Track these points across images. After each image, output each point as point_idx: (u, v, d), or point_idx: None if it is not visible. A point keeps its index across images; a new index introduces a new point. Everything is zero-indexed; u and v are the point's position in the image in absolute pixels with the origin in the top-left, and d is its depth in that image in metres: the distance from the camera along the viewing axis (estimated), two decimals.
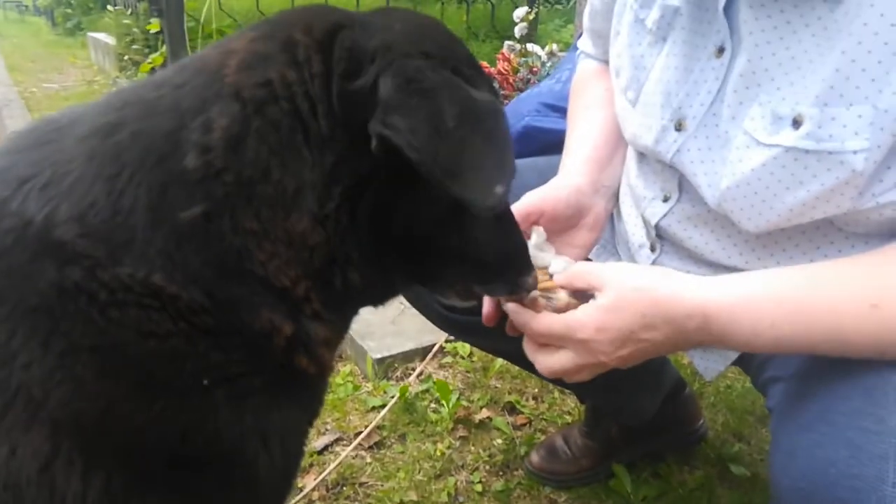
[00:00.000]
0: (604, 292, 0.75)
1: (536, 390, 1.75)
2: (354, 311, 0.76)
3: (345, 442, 1.60)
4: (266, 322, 0.63)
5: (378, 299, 0.76)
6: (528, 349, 0.81)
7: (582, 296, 0.79)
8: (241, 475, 0.64)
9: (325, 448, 1.58)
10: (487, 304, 0.86)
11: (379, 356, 1.81)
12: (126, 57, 5.25)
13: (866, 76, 0.68)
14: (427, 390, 1.74)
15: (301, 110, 0.61)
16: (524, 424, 1.64)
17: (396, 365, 1.83)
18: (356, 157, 0.62)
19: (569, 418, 1.65)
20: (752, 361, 0.95)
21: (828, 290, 0.70)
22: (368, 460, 1.53)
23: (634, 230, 1.01)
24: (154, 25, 4.44)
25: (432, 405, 1.69)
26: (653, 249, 0.97)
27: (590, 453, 1.45)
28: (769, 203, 0.77)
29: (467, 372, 1.82)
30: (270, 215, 0.61)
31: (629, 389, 1.33)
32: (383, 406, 1.67)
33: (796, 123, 0.72)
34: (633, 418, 1.42)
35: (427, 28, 0.71)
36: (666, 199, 0.94)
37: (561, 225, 0.97)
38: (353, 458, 1.53)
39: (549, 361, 0.79)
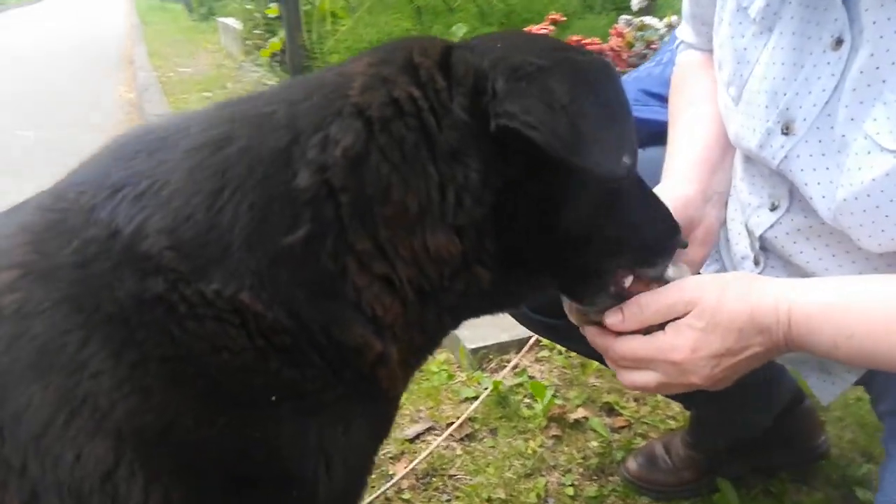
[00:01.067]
0: (695, 311, 0.70)
1: (638, 391, 1.66)
2: (456, 323, 0.73)
3: (436, 431, 1.59)
4: (359, 338, 0.62)
5: (501, 305, 0.75)
6: (610, 364, 0.77)
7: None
8: (299, 495, 0.63)
9: (417, 436, 1.57)
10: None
11: (473, 346, 1.78)
12: (249, 41, 5.48)
13: None
14: (521, 384, 1.69)
15: (428, 125, 0.61)
16: (623, 427, 1.56)
17: (491, 356, 1.80)
18: (492, 166, 0.61)
19: (672, 424, 1.55)
20: (871, 386, 0.83)
21: None
22: (459, 452, 1.52)
23: (738, 239, 0.91)
24: (273, 10, 4.60)
25: (526, 400, 1.65)
26: (756, 263, 0.87)
27: (692, 465, 1.35)
28: (893, 218, 0.66)
29: (564, 368, 1.75)
30: (391, 236, 0.61)
31: (737, 402, 1.21)
32: (476, 398, 1.65)
33: None
34: (742, 432, 1.30)
35: (530, 39, 0.71)
36: (774, 208, 0.83)
37: None
38: (444, 449, 1.52)
39: (633, 378, 0.75)
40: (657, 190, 0.91)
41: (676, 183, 0.92)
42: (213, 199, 0.59)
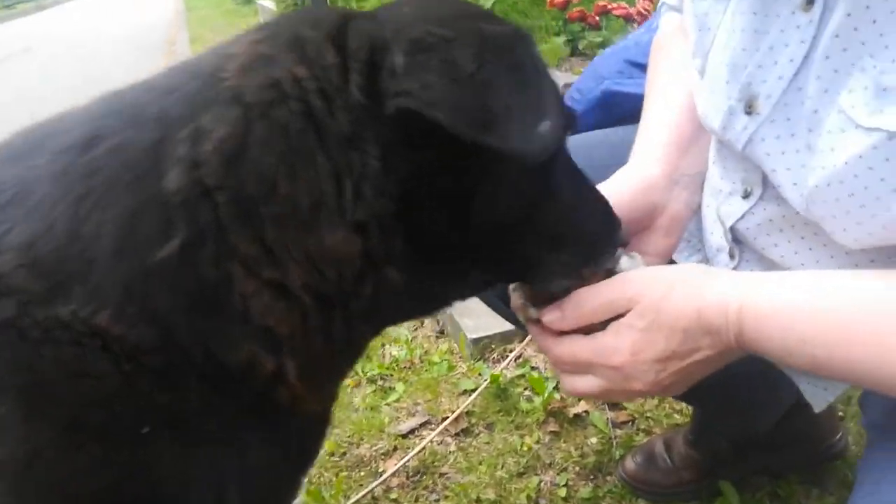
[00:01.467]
0: (636, 309, 0.63)
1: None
2: (374, 331, 0.68)
3: (432, 426, 1.55)
4: (245, 356, 0.57)
5: (427, 307, 0.69)
6: (553, 368, 0.70)
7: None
8: None
9: (412, 431, 1.54)
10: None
11: (475, 336, 1.72)
12: None
13: None
14: (522, 376, 1.63)
15: (315, 109, 0.52)
16: (625, 422, 1.48)
17: (493, 346, 1.73)
18: (395, 152, 0.54)
19: (678, 419, 1.46)
20: (861, 396, 0.74)
21: (878, 309, 0.53)
22: (452, 448, 1.47)
23: (713, 228, 0.81)
24: None
25: (526, 393, 1.58)
26: (731, 256, 0.78)
27: (692, 465, 1.27)
28: (869, 209, 0.56)
29: None
30: (281, 236, 0.54)
31: (741, 396, 1.13)
32: (475, 390, 1.59)
33: None
34: (747, 429, 1.21)
35: (442, 5, 0.61)
36: (746, 196, 0.73)
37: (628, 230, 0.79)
38: (438, 445, 1.48)
39: (575, 384, 0.68)
40: (621, 172, 0.84)
41: (640, 165, 0.83)
42: (76, 207, 0.53)
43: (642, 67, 1.32)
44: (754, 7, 0.64)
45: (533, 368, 1.64)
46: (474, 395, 1.56)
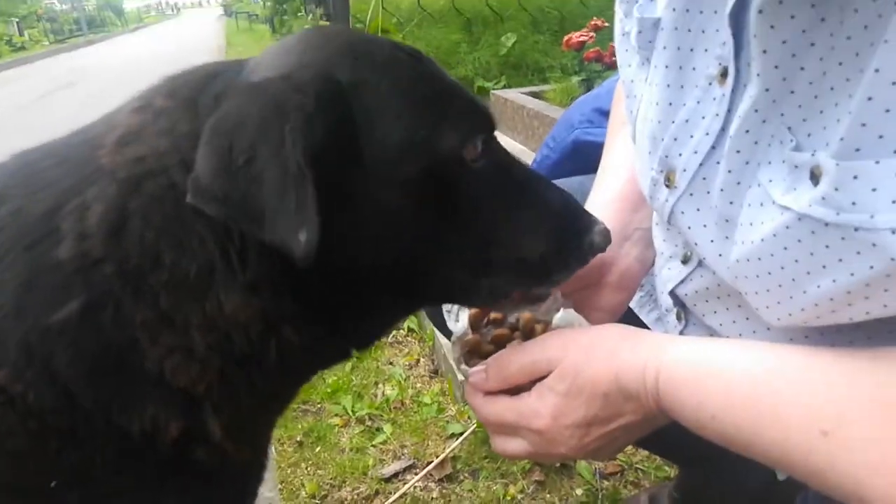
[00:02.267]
0: (556, 372, 0.61)
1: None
2: (300, 378, 0.67)
3: (417, 470, 1.51)
4: (148, 421, 0.56)
5: (348, 348, 0.66)
6: (485, 427, 0.69)
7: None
8: None
9: (395, 475, 1.50)
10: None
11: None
12: None
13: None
14: None
15: (177, 183, 0.53)
16: (613, 473, 1.43)
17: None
18: None
19: (668, 471, 1.41)
20: None
21: (783, 394, 0.51)
22: (435, 495, 1.43)
23: (663, 288, 0.78)
24: None
25: None
26: (679, 318, 0.75)
27: None
28: (787, 290, 0.53)
29: None
30: (175, 303, 0.54)
31: (721, 460, 1.08)
32: (462, 434, 1.56)
33: (814, 178, 0.48)
34: (730, 494, 1.15)
35: (298, 43, 0.59)
36: (685, 261, 0.70)
37: (574, 284, 0.73)
38: (421, 491, 1.45)
39: (504, 445, 0.67)
40: None
41: None
42: None
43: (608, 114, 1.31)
44: (668, 79, 0.62)
45: None
46: (459, 440, 1.52)
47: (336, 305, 0.58)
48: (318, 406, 1.77)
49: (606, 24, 3.23)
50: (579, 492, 1.39)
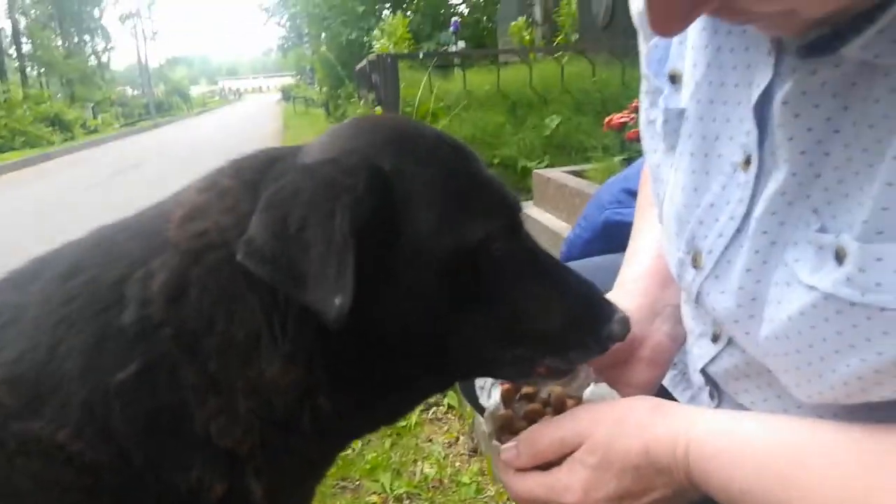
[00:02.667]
0: (586, 446, 0.62)
1: None
2: (330, 446, 0.70)
3: None
4: (195, 481, 0.60)
5: (381, 419, 0.69)
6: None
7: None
8: None
9: None
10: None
11: None
12: None
13: None
14: None
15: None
16: None
17: None
18: None
19: None
20: None
21: (812, 472, 0.52)
22: None
23: (694, 366, 0.79)
24: (378, 111, 4.91)
25: None
26: (711, 396, 0.75)
27: None
28: (816, 368, 0.54)
29: None
30: (223, 367, 0.59)
31: None
32: None
33: (839, 258, 0.50)
34: None
35: (349, 130, 0.66)
36: (715, 339, 0.71)
37: (607, 360, 0.73)
38: None
39: None
40: None
41: (619, 296, 0.82)
42: (53, 332, 0.59)
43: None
44: (693, 166, 0.65)
45: None
46: None
47: (365, 377, 0.62)
48: (357, 483, 1.77)
49: None
50: None
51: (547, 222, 3.14)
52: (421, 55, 5.24)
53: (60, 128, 17.75)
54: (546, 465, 0.65)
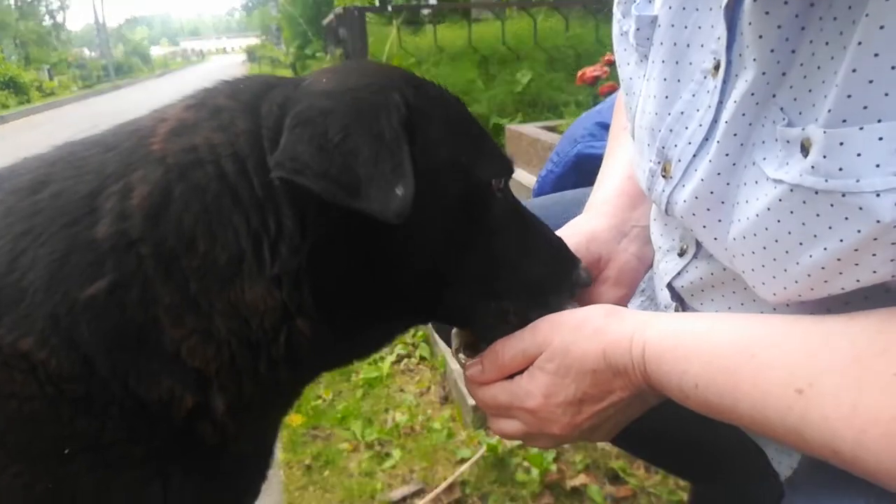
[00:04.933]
0: (546, 353, 0.63)
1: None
2: (300, 375, 0.68)
3: (425, 494, 1.49)
4: (165, 393, 0.59)
5: (351, 353, 0.69)
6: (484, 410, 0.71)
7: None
8: None
9: (403, 499, 1.48)
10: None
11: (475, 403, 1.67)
12: None
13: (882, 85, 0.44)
14: (522, 446, 1.56)
15: (228, 172, 0.57)
16: (625, 498, 1.40)
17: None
18: (308, 213, 0.57)
19: (682, 495, 1.38)
20: None
21: (760, 359, 0.52)
22: None
23: (661, 285, 0.79)
24: None
25: (524, 464, 1.52)
26: (677, 312, 0.75)
27: None
28: (781, 263, 0.54)
29: None
30: (202, 288, 0.57)
31: (728, 474, 1.06)
32: (471, 458, 1.53)
33: (804, 150, 0.49)
34: None
35: (357, 69, 0.66)
36: (682, 253, 0.71)
37: None
38: None
39: (501, 426, 0.69)
40: (569, 224, 0.84)
41: (587, 217, 0.84)
42: (16, 243, 0.57)
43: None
44: (665, 73, 0.64)
45: None
46: (468, 464, 1.50)
47: (352, 308, 0.61)
48: (328, 432, 1.76)
49: None
50: None
51: (520, 178, 3.13)
52: (390, 7, 5.09)
53: (15, 91, 17.12)
54: (510, 377, 0.66)
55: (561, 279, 0.69)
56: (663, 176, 0.66)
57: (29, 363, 0.55)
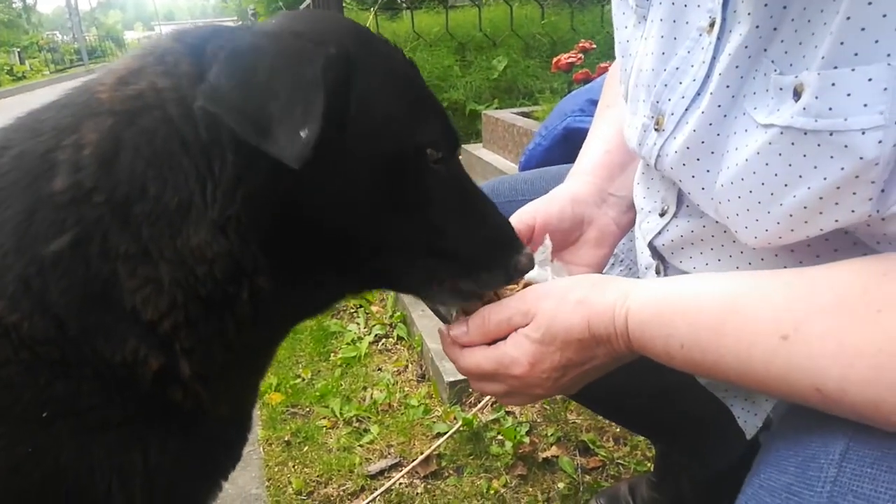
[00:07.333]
0: (533, 322, 0.65)
1: (619, 429, 1.55)
2: (271, 332, 0.70)
3: (403, 468, 1.53)
4: (130, 354, 0.59)
5: (309, 307, 0.69)
6: (465, 375, 0.73)
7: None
8: None
9: (381, 472, 1.52)
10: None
11: (453, 379, 1.72)
12: None
13: (872, 32, 0.48)
14: (497, 420, 1.61)
15: (173, 117, 0.57)
16: (595, 468, 1.45)
17: (471, 390, 1.73)
18: (250, 157, 0.56)
19: (649, 465, 1.43)
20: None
21: (744, 313, 0.54)
22: (420, 490, 1.45)
23: (642, 247, 0.84)
24: None
25: (499, 437, 1.57)
26: (658, 272, 0.80)
27: None
28: (766, 205, 0.57)
29: (544, 403, 1.66)
30: (153, 234, 0.57)
31: (691, 434, 1.11)
32: (447, 432, 1.58)
33: (797, 94, 0.53)
34: (704, 471, 1.18)
35: (311, 17, 0.66)
36: (663, 213, 0.76)
37: (558, 240, 0.83)
38: (406, 487, 1.46)
39: (482, 387, 0.71)
40: (556, 189, 0.89)
41: (571, 182, 0.88)
42: None
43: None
44: (663, 31, 0.68)
45: (508, 413, 1.63)
46: (444, 438, 1.55)
47: (302, 263, 0.62)
48: (307, 409, 1.79)
49: (594, 47, 3.32)
50: (561, 485, 1.41)
51: (496, 163, 3.16)
52: None
53: None
54: (492, 343, 0.68)
55: (496, 259, 0.68)
56: (656, 129, 0.70)
57: (2, 327, 0.56)
